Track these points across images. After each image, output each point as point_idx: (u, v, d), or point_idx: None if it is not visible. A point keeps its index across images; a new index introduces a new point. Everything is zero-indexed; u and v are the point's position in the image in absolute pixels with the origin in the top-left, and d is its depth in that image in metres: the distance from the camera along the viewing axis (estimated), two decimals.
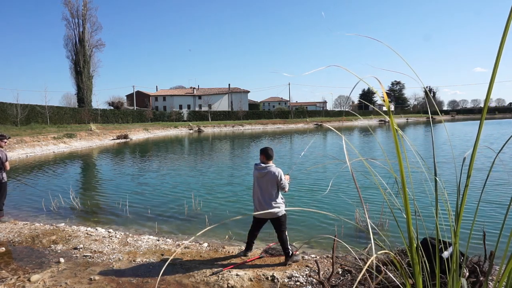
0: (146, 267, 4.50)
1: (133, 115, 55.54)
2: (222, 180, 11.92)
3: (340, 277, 3.93)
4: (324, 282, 3.44)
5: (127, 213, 7.76)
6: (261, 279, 4.07)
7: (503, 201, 7.88)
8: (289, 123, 64.71)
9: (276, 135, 39.38)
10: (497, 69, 1.50)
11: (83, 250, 5.15)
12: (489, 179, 1.92)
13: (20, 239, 5.70)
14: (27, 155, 20.79)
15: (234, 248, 5.29)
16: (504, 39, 1.42)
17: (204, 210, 7.90)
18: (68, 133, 28.69)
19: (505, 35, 1.42)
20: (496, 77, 1.52)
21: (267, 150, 4.71)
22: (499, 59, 1.47)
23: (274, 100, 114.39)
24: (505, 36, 1.42)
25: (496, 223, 6.35)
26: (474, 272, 3.22)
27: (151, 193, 10.07)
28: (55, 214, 7.93)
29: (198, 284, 3.97)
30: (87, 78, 53.09)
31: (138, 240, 5.68)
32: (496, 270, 3.57)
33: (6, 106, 32.50)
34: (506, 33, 1.41)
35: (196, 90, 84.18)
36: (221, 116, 66.59)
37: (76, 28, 52.85)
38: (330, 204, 8.23)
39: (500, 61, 1.49)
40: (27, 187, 11.59)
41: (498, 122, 60.37)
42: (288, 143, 28.49)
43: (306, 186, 10.24)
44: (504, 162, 12.86)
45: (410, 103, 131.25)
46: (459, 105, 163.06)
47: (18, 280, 4.04)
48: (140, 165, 16.78)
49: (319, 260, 4.66)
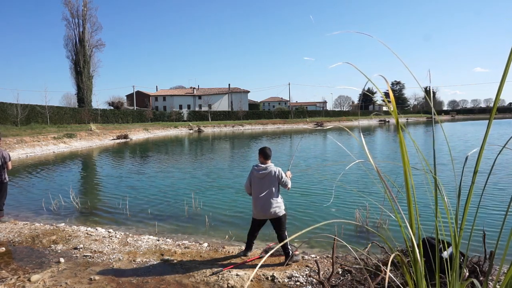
0: (146, 267, 4.50)
1: (133, 115, 55.55)
2: (222, 180, 11.92)
3: (340, 277, 3.93)
4: (324, 282, 3.44)
5: (127, 213, 7.76)
6: (261, 279, 4.07)
7: (503, 201, 7.88)
8: (289, 123, 64.73)
9: (276, 135, 39.39)
10: (509, 68, 1.48)
11: (83, 250, 5.15)
12: (490, 179, 1.92)
13: (20, 239, 5.70)
14: (27, 155, 20.79)
15: (234, 248, 5.29)
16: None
17: (204, 210, 7.90)
18: (68, 133, 28.69)
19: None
20: (496, 77, 1.53)
21: (265, 150, 4.72)
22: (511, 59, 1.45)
23: (274, 100, 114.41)
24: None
25: (496, 223, 6.35)
26: (474, 272, 3.22)
27: (151, 193, 10.07)
28: (55, 214, 7.94)
29: (198, 284, 3.97)
30: (87, 78, 53.07)
31: (138, 240, 5.68)
32: (496, 270, 3.58)
33: (6, 106, 32.51)
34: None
35: (196, 90, 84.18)
36: (221, 116, 66.60)
37: (76, 28, 52.90)
38: (330, 204, 8.22)
39: (500, 61, 1.49)
40: (27, 187, 11.59)
41: (498, 122, 60.40)
42: (287, 143, 28.49)
43: (309, 189, 10.24)
44: (504, 163, 12.86)
45: (410, 103, 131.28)
46: (459, 105, 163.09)
47: (18, 280, 4.04)
48: (140, 165, 16.78)
49: (319, 260, 4.66)
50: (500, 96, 1.59)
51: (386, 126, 58.68)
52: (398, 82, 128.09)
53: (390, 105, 1.58)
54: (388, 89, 1.62)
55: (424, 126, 56.32)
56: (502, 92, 1.60)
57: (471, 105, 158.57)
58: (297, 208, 7.88)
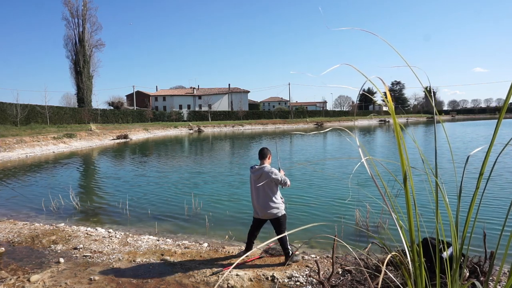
0: (146, 267, 4.49)
1: (133, 115, 55.54)
2: (222, 180, 11.91)
3: (340, 277, 3.93)
4: (324, 282, 3.44)
5: (127, 213, 7.76)
6: (261, 279, 4.07)
7: (503, 201, 7.87)
8: (289, 123, 64.73)
9: (276, 135, 39.38)
10: None
11: (83, 250, 5.14)
12: (490, 179, 1.92)
13: (20, 239, 5.70)
14: (27, 155, 20.78)
15: (234, 248, 5.29)
16: None
17: (204, 210, 7.90)
18: (68, 133, 28.69)
19: None
20: (495, 77, 1.52)
21: (261, 150, 4.75)
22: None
23: (274, 100, 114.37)
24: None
25: (496, 223, 6.34)
26: (474, 272, 3.21)
27: (151, 193, 10.07)
28: (55, 214, 7.93)
29: (198, 284, 3.96)
30: (87, 78, 53.05)
31: (138, 240, 5.68)
32: (496, 271, 3.57)
33: (6, 106, 32.53)
34: None
35: (196, 90, 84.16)
36: (221, 116, 66.59)
37: (76, 28, 52.84)
38: (330, 204, 8.22)
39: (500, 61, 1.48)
40: (27, 187, 11.58)
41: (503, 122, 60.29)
42: (288, 143, 28.49)
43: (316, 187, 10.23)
44: (505, 162, 12.86)
45: (410, 103, 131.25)
46: (459, 105, 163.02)
47: (18, 280, 4.04)
48: (140, 165, 16.77)
49: (319, 260, 4.65)
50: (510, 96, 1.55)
51: (386, 126, 58.68)
52: (398, 82, 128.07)
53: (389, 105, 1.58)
54: (386, 91, 1.61)
55: (425, 126, 56.30)
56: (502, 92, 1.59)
57: (471, 105, 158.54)
58: (298, 207, 7.87)
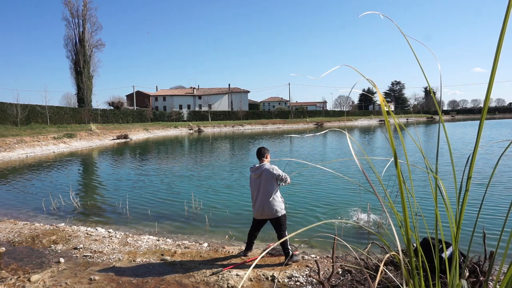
0: (146, 267, 4.50)
1: (133, 115, 55.55)
2: (222, 180, 11.91)
3: (340, 277, 3.93)
4: (324, 282, 3.44)
5: (127, 213, 7.76)
6: (261, 279, 4.07)
7: (503, 201, 7.88)
8: (289, 123, 64.71)
9: (276, 135, 39.38)
10: (496, 69, 1.49)
11: (83, 250, 5.15)
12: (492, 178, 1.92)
13: (20, 239, 5.70)
14: (27, 155, 20.79)
15: (234, 248, 5.29)
16: (502, 39, 1.42)
17: (204, 210, 7.90)
18: (68, 133, 28.69)
19: (503, 34, 1.41)
20: (496, 77, 1.52)
21: (258, 149, 4.76)
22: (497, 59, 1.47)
23: (274, 100, 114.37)
24: (502, 35, 1.42)
25: (496, 223, 6.35)
26: (474, 272, 3.22)
27: (151, 193, 10.07)
28: (55, 214, 7.93)
29: (198, 284, 3.97)
30: (87, 78, 53.07)
31: (138, 240, 5.68)
32: (496, 270, 3.58)
33: (6, 106, 32.53)
34: (504, 32, 1.41)
35: (196, 90, 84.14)
36: (221, 116, 66.58)
37: (76, 28, 52.88)
38: (330, 204, 8.22)
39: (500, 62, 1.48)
40: (27, 187, 11.59)
41: (498, 122, 60.38)
42: (287, 143, 28.49)
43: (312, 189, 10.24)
44: (506, 162, 12.86)
45: (410, 103, 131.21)
46: (459, 105, 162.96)
47: (18, 280, 4.04)
48: (140, 165, 16.78)
49: (319, 260, 4.66)
50: (489, 96, 1.56)
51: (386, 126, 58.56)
52: (398, 82, 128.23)
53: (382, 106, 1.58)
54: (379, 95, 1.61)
55: (425, 126, 56.29)
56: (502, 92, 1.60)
57: (471, 105, 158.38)
58: (297, 208, 7.88)
